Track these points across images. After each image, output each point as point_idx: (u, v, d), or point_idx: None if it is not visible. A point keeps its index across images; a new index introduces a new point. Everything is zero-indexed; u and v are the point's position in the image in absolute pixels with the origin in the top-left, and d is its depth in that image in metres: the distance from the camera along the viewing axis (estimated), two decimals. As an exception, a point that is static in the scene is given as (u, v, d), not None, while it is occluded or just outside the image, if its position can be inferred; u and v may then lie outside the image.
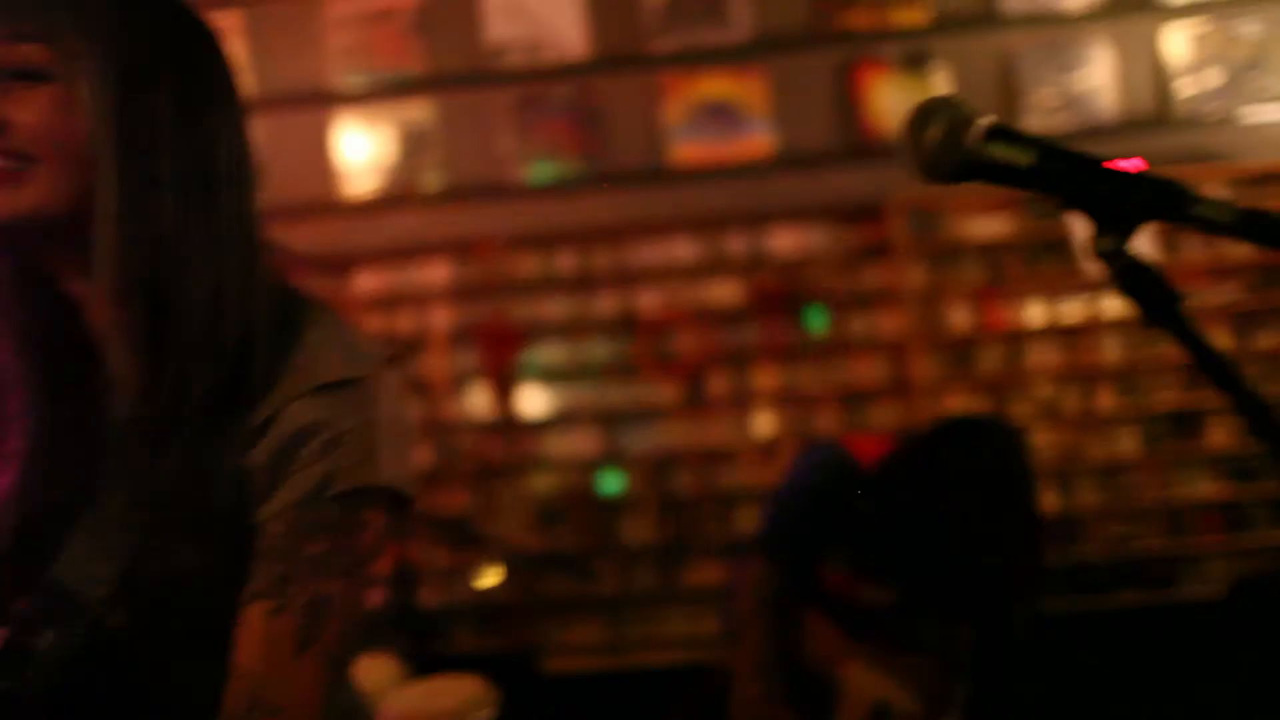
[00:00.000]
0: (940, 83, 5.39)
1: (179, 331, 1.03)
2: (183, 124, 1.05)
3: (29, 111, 1.00)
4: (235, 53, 1.13)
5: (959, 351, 5.44)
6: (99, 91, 1.01)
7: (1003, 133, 0.89)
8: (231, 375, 1.04)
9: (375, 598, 0.98)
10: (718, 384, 5.47)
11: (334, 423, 1.03)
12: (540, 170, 5.51)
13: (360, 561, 1.03)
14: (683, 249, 5.50)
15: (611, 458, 5.48)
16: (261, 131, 1.14)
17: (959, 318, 5.44)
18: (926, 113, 0.90)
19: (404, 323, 5.54)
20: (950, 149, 0.89)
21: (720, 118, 5.50)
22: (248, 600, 1.00)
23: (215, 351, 1.03)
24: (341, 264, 5.47)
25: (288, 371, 1.05)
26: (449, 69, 5.50)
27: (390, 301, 5.55)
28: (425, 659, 3.65)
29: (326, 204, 5.47)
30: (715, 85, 5.50)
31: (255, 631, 0.99)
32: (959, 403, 5.31)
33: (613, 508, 5.48)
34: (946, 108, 0.89)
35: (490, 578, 5.15)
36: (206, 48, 1.10)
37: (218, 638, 1.02)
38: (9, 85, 1.00)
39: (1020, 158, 0.88)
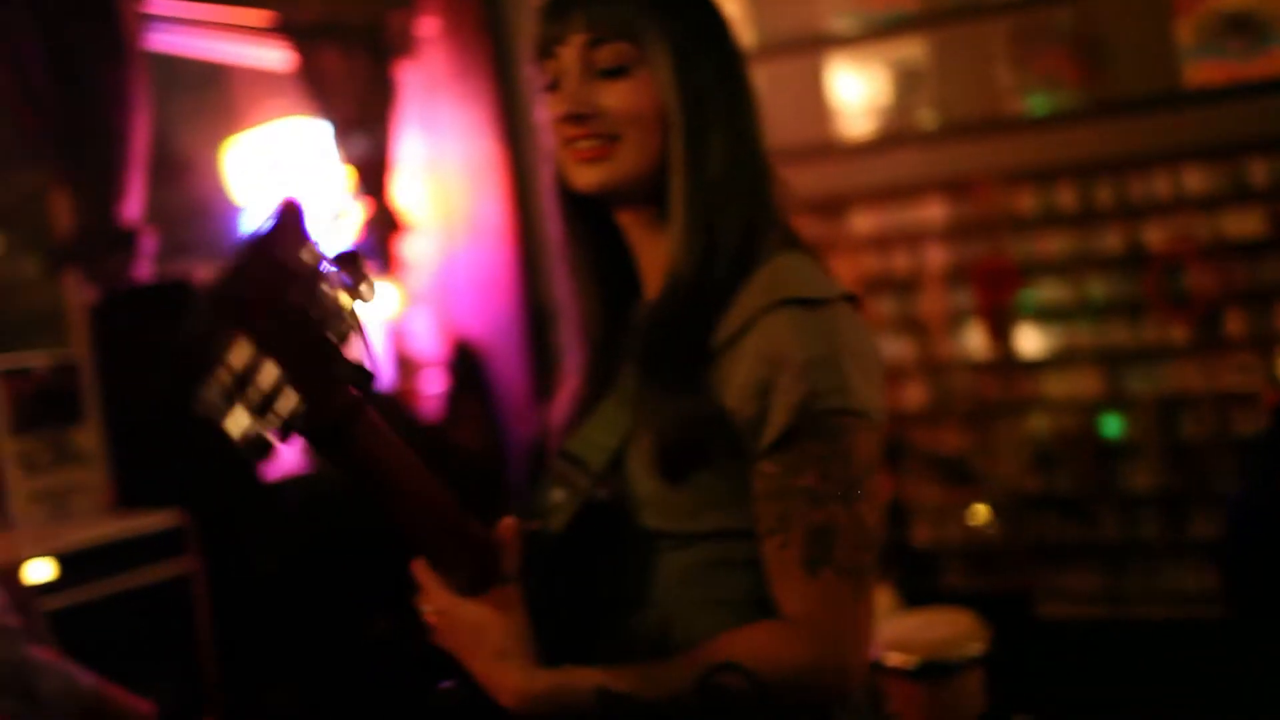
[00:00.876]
0: None
1: (721, 255, 1.22)
2: (719, 84, 1.25)
3: (615, 98, 1.22)
4: (735, 3, 1.32)
5: None
6: (669, 74, 1.22)
7: None
8: (733, 285, 1.21)
9: (877, 519, 1.06)
10: (1235, 323, 5.08)
11: (806, 346, 1.14)
12: (1039, 102, 5.33)
13: (852, 483, 1.12)
14: (1196, 178, 5.14)
15: (1114, 400, 5.26)
16: (761, 78, 1.30)
17: None
18: None
19: (899, 262, 5.58)
20: None
21: (1241, 33, 5.06)
22: (763, 536, 1.13)
23: (741, 268, 1.21)
24: (837, 205, 5.59)
25: (754, 282, 1.19)
26: (942, 4, 5.43)
27: (886, 241, 5.60)
28: (918, 593, 3.73)
29: (822, 146, 5.59)
30: (1236, -3, 5.07)
31: (771, 564, 1.12)
32: None
33: (1114, 452, 5.26)
34: None
35: (984, 518, 5.14)
36: (718, 14, 1.28)
37: (680, 529, 1.19)
38: (600, 80, 1.23)
39: None
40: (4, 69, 3.57)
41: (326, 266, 0.81)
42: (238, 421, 0.80)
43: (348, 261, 0.82)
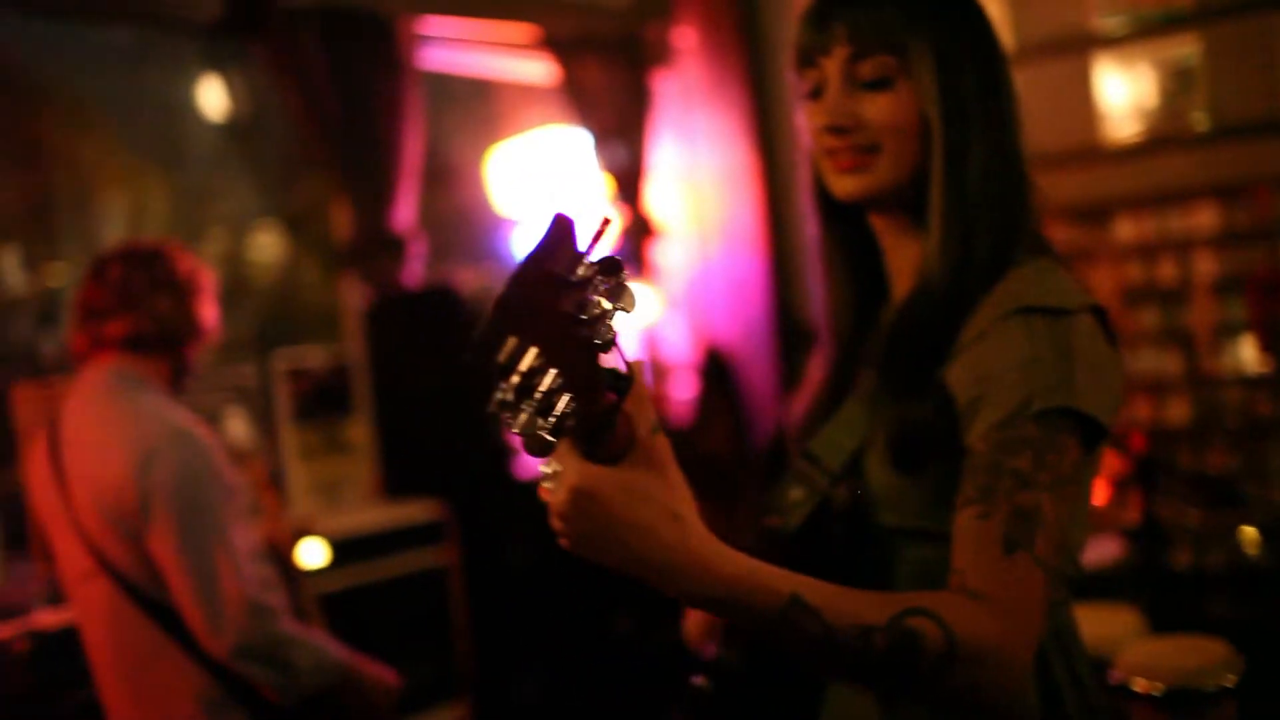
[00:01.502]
0: None
1: (974, 265, 1.23)
2: (981, 93, 1.25)
3: (876, 111, 1.25)
4: (997, 5, 1.31)
5: None
6: (931, 87, 1.23)
7: None
8: (980, 294, 1.22)
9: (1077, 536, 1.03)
10: None
11: (1035, 346, 1.13)
12: (1327, 102, 5.00)
13: (1061, 480, 1.09)
14: None
15: None
16: (1022, 80, 1.29)
17: None
18: None
19: (1165, 271, 5.34)
20: None
21: None
22: (959, 508, 1.10)
23: (991, 277, 1.22)
24: (1101, 211, 5.39)
25: (998, 291, 1.20)
26: (1218, 1, 5.17)
27: (1151, 249, 5.36)
28: (1172, 618, 3.58)
29: (1086, 150, 5.40)
30: None
31: (965, 533, 1.08)
32: None
33: (1406, 478, 4.89)
34: None
35: (1251, 543, 4.86)
36: (983, 20, 1.29)
37: (916, 531, 1.21)
38: (862, 92, 1.25)
39: None
40: (295, 88, 3.87)
41: (595, 276, 0.86)
42: (520, 420, 0.87)
43: (613, 271, 0.86)
